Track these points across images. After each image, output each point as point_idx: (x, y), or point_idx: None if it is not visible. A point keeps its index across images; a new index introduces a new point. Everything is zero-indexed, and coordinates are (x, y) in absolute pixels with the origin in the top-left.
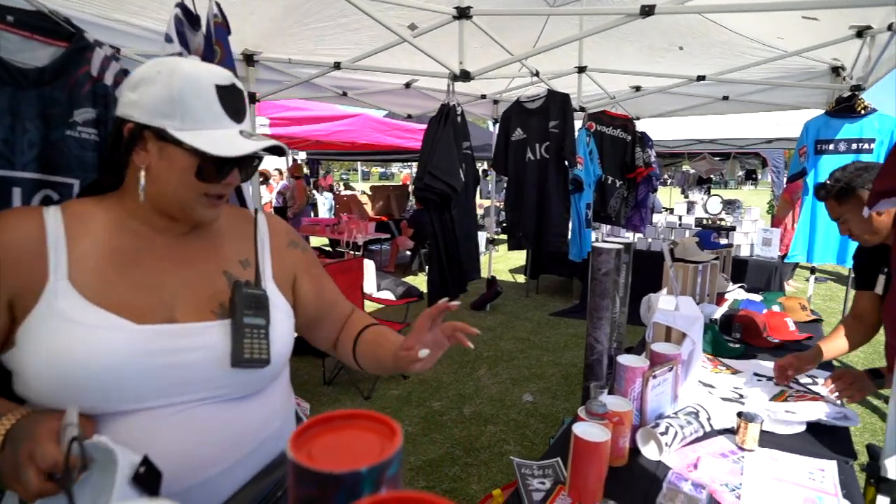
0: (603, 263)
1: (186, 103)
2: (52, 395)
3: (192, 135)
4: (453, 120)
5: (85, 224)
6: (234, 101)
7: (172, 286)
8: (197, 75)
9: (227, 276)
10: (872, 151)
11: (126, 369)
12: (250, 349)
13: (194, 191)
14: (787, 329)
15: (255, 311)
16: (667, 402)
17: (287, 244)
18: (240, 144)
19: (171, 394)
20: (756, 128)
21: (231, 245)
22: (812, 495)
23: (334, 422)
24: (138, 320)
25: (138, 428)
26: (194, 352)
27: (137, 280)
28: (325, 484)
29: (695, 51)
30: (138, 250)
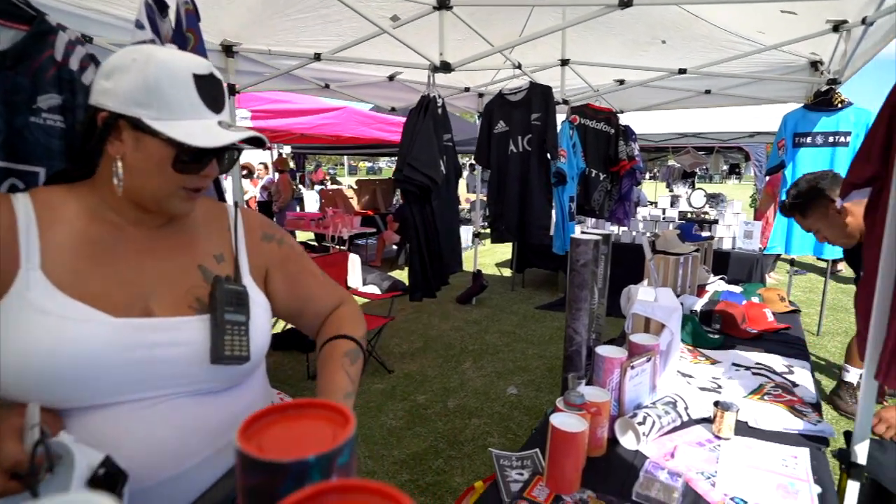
0: (581, 255)
1: (163, 92)
2: (23, 389)
3: (168, 125)
4: (433, 112)
5: (56, 212)
6: (213, 90)
7: (148, 279)
8: (174, 63)
9: (202, 271)
10: (848, 144)
11: (102, 363)
12: (231, 346)
13: (171, 183)
14: (766, 320)
15: (235, 307)
16: (645, 393)
17: (261, 237)
18: (218, 135)
19: (147, 388)
20: (738, 122)
21: (206, 239)
22: (785, 481)
23: (287, 411)
24: (115, 313)
25: (113, 421)
26: (172, 347)
27: (113, 272)
28: (272, 473)
29: (677, 44)
30: (113, 241)
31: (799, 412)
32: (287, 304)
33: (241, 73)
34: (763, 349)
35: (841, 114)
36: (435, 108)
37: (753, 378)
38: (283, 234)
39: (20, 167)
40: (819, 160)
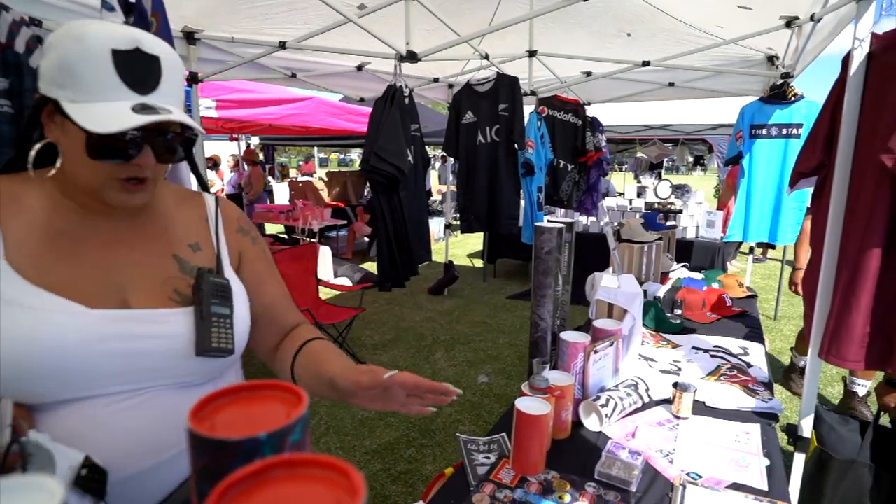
0: (545, 242)
1: (76, 71)
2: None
3: (80, 108)
4: (400, 101)
5: (17, 202)
6: (137, 68)
7: (122, 269)
8: (92, 38)
9: (177, 260)
10: (800, 136)
11: (78, 354)
12: (217, 339)
13: (99, 173)
14: (725, 305)
15: (221, 300)
16: (608, 376)
17: (236, 229)
18: (125, 119)
19: (125, 381)
20: (701, 114)
21: (180, 228)
22: (737, 456)
23: (240, 393)
24: (90, 304)
25: (90, 414)
26: (155, 339)
27: (84, 262)
28: (223, 451)
29: (642, 37)
30: (79, 232)
31: (752, 391)
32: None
33: (204, 60)
34: (721, 333)
35: (794, 106)
36: (401, 98)
37: (711, 360)
38: (257, 234)
39: None
40: (774, 151)
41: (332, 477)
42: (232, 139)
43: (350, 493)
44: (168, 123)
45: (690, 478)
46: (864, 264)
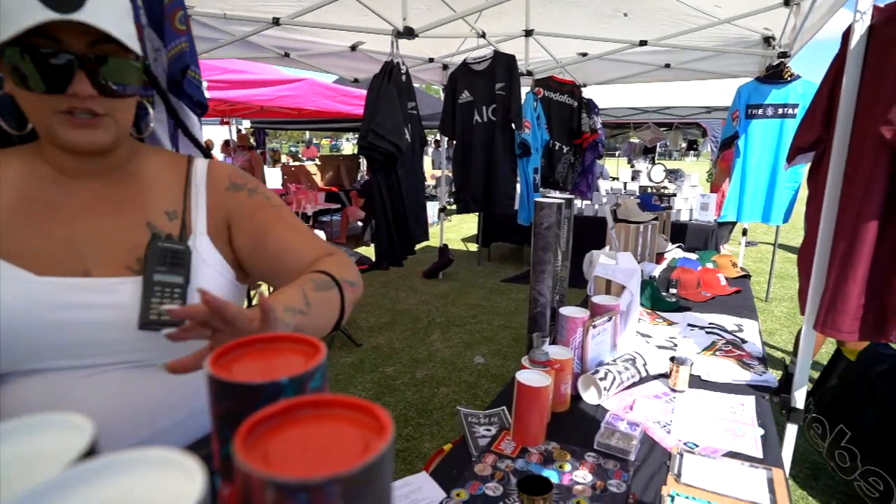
0: (545, 217)
1: (4, 8)
2: None
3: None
4: (397, 78)
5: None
6: None
7: (87, 237)
8: None
9: (150, 228)
10: (796, 116)
11: (23, 323)
12: (157, 310)
13: (41, 108)
14: (719, 284)
15: (169, 267)
16: (606, 351)
17: (227, 188)
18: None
19: (77, 355)
20: (696, 97)
21: (158, 194)
22: (732, 426)
23: (256, 344)
24: (40, 272)
25: (41, 389)
26: (101, 310)
27: (48, 230)
28: (245, 395)
29: (638, 17)
30: (53, 197)
31: (746, 365)
32: (258, 260)
33: (196, 38)
34: (716, 311)
35: (790, 86)
36: (399, 75)
37: (706, 336)
38: (256, 184)
39: None
40: (769, 131)
41: (359, 417)
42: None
43: (377, 432)
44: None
45: (687, 447)
46: (860, 235)
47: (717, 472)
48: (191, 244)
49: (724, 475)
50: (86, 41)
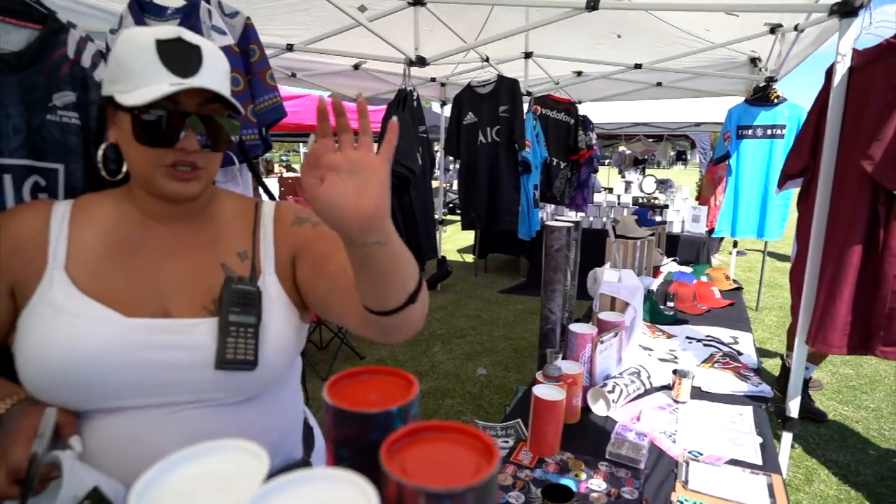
0: (555, 240)
1: (126, 64)
2: (41, 387)
3: (127, 95)
4: (410, 105)
5: (90, 215)
6: (180, 54)
7: (169, 278)
8: (138, 33)
9: (224, 269)
10: (784, 136)
11: (106, 362)
12: (234, 350)
13: (148, 160)
14: (714, 297)
15: (243, 308)
16: (613, 364)
17: (292, 223)
18: (155, 93)
19: (154, 394)
20: (686, 112)
21: (231, 236)
22: (733, 435)
23: (360, 376)
24: (128, 313)
25: (119, 428)
26: (181, 350)
27: (133, 271)
28: (362, 422)
29: (632, 39)
30: (138, 240)
31: (743, 377)
32: (318, 283)
33: None
34: (712, 323)
35: (777, 108)
36: (411, 102)
37: (705, 349)
38: (318, 219)
39: (40, 164)
40: (759, 151)
41: (473, 442)
42: None
43: (487, 458)
44: (211, 112)
45: (692, 455)
46: (846, 260)
47: (721, 479)
48: (260, 284)
49: (727, 482)
50: (197, 101)
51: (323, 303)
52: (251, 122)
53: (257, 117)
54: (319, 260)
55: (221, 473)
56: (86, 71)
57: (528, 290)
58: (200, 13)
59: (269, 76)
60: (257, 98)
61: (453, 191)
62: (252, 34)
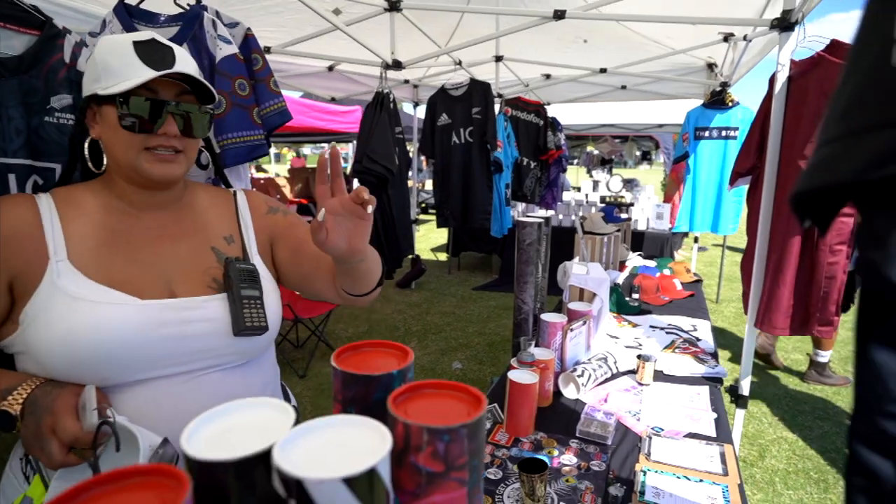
0: (527, 235)
1: (107, 63)
2: (67, 370)
3: (110, 89)
4: (387, 106)
5: (76, 207)
6: (156, 53)
7: (167, 262)
8: (117, 39)
9: (215, 252)
10: (737, 138)
11: (136, 341)
12: (250, 318)
13: (132, 145)
14: (675, 289)
15: (249, 283)
16: (582, 351)
17: (266, 212)
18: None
19: (178, 363)
20: (649, 114)
21: (214, 222)
22: (691, 412)
23: (362, 349)
24: (141, 296)
25: (148, 396)
26: (198, 323)
27: (134, 258)
28: (367, 384)
29: (597, 44)
30: (129, 230)
31: (701, 360)
32: (296, 268)
33: None
34: (673, 313)
35: (731, 111)
36: (388, 103)
37: (666, 336)
38: (286, 208)
39: (39, 164)
40: (715, 151)
41: (463, 395)
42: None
43: (476, 406)
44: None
45: (654, 431)
46: (788, 249)
47: (679, 450)
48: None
49: (685, 452)
50: (174, 92)
51: (304, 280)
52: (257, 125)
53: (264, 121)
54: (299, 244)
55: (256, 422)
56: (81, 75)
57: (501, 287)
58: (204, 23)
59: (273, 83)
60: (263, 103)
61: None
62: (253, 43)
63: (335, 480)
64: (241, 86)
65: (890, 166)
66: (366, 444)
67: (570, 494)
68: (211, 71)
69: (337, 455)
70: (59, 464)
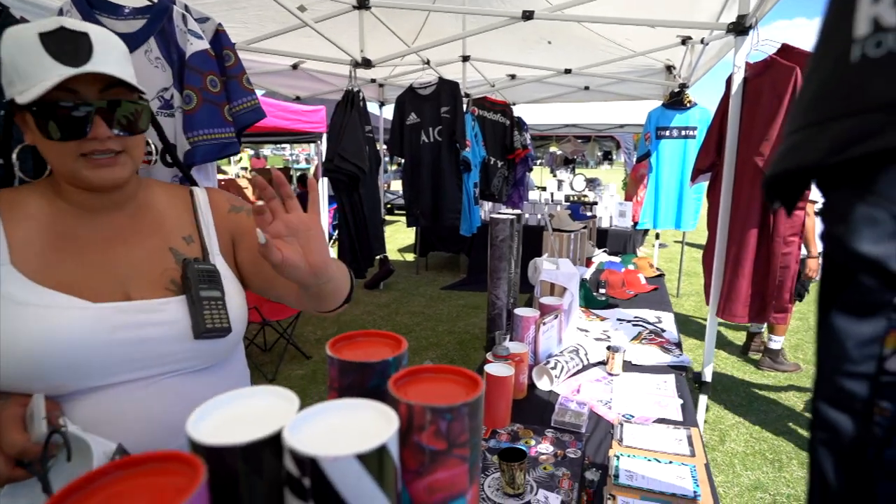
0: (500, 231)
1: (16, 64)
2: (15, 380)
3: (25, 95)
4: (357, 105)
5: (20, 209)
6: (65, 44)
7: (122, 265)
8: (20, 31)
9: (173, 253)
10: (695, 137)
11: (89, 346)
12: (211, 320)
13: (64, 153)
14: (640, 283)
15: (209, 284)
16: (554, 344)
17: (228, 210)
18: (45, 81)
19: (136, 368)
20: (611, 114)
21: (172, 222)
22: (659, 399)
23: (356, 338)
24: (93, 299)
25: (107, 403)
26: (156, 327)
27: (86, 261)
28: (363, 371)
29: (561, 46)
30: (79, 232)
31: (667, 350)
32: (260, 270)
33: None
34: (639, 306)
35: (689, 112)
36: (358, 102)
37: (633, 328)
38: (251, 207)
39: None
40: (675, 150)
41: (460, 378)
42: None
43: (473, 386)
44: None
45: (625, 418)
46: (745, 242)
47: (649, 435)
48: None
49: (655, 436)
50: (97, 88)
51: (267, 283)
52: (228, 122)
53: (235, 119)
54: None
55: (260, 409)
56: None
57: (469, 286)
58: (174, 17)
59: (246, 80)
60: (235, 100)
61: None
62: (224, 39)
63: (349, 457)
64: (213, 82)
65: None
66: (371, 425)
67: (549, 481)
68: (181, 66)
69: (345, 435)
70: (5, 479)
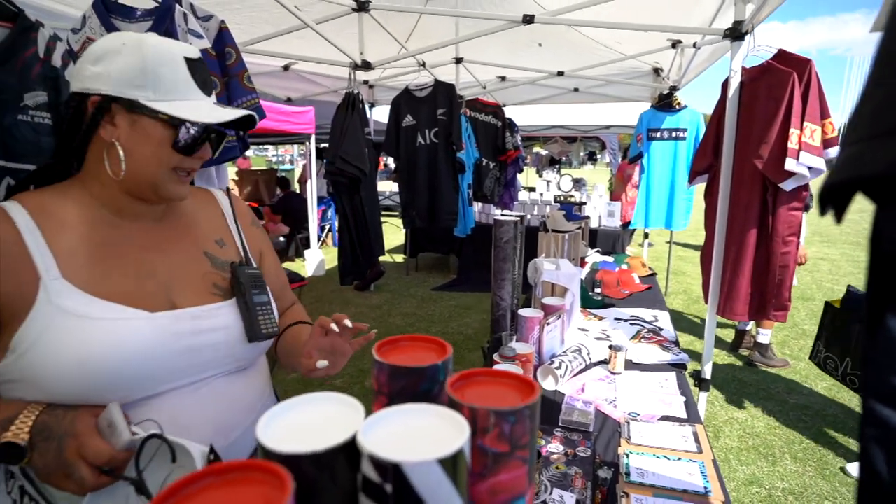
0: (504, 233)
1: (159, 74)
2: (82, 392)
3: (167, 105)
4: (357, 107)
5: (54, 218)
6: (203, 74)
7: (162, 272)
8: (167, 46)
9: (208, 257)
10: (685, 139)
11: (157, 356)
12: (265, 324)
13: (165, 165)
14: (634, 282)
15: (259, 289)
16: (557, 344)
17: (250, 223)
18: (218, 113)
19: (194, 372)
20: (598, 116)
21: (203, 226)
22: (662, 396)
23: (400, 343)
24: (148, 308)
25: (163, 408)
26: (212, 332)
27: (129, 270)
28: (415, 376)
29: (551, 47)
30: (117, 241)
31: (666, 348)
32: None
33: None
34: (634, 305)
35: (680, 114)
36: (358, 105)
37: (631, 327)
38: (263, 227)
39: (13, 165)
40: (666, 151)
41: (515, 382)
42: None
43: (530, 390)
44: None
45: (631, 416)
46: (745, 241)
47: (656, 432)
48: None
49: (662, 434)
50: None
51: None
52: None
53: None
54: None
55: (324, 416)
56: (57, 71)
57: (460, 287)
58: (175, 17)
59: (247, 78)
60: (235, 100)
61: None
62: (227, 37)
63: (431, 462)
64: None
65: None
66: (438, 430)
67: (562, 480)
68: None
69: (416, 441)
70: (92, 487)
